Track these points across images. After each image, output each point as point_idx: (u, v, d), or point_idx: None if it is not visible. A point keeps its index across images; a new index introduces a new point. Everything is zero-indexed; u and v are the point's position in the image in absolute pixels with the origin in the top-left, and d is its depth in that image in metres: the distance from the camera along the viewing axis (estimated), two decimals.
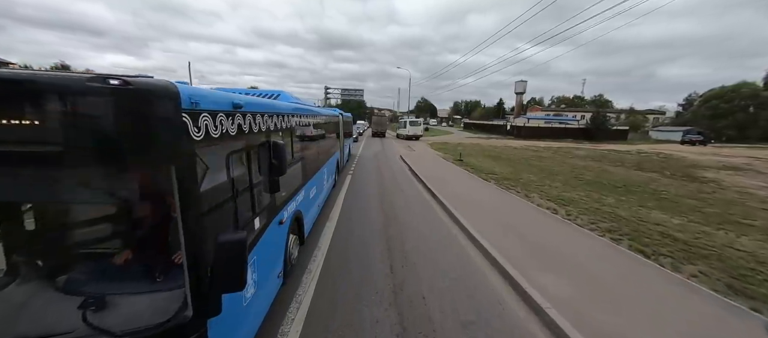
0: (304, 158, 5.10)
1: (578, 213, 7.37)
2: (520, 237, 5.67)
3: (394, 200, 8.48)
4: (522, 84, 64.42)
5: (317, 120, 6.37)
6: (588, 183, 11.76)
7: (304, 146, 5.14)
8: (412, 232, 6.13)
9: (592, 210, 7.72)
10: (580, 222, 6.73)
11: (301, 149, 4.93)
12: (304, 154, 5.10)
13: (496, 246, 5.15)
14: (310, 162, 5.52)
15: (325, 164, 7.28)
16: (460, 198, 8.29)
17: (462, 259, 5.03)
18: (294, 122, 4.32)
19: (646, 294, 3.97)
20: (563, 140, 38.98)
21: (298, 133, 4.74)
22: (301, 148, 4.93)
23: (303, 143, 5.11)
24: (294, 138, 4.51)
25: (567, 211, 7.55)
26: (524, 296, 3.91)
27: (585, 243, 5.54)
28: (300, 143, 4.85)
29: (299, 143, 4.77)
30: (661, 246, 5.53)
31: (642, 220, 7.10)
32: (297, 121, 4.53)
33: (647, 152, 27.18)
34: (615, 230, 6.30)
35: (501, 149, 25.50)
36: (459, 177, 11.83)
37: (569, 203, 8.34)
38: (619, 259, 4.97)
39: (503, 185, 10.61)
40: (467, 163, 15.93)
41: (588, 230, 6.26)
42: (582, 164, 18.25)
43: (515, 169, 14.74)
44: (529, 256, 4.90)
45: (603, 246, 5.47)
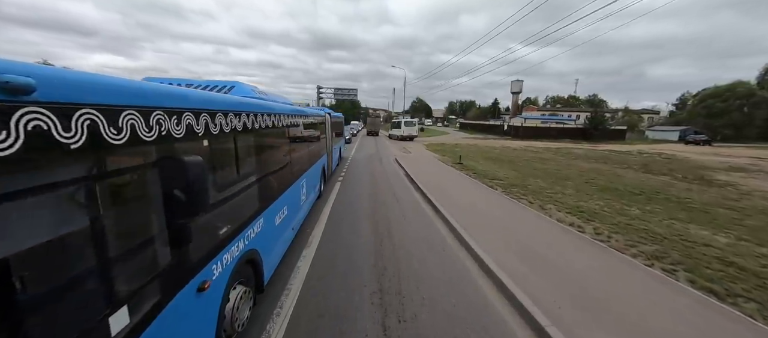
0: (266, 173, 3.79)
1: (609, 231, 6.16)
2: (551, 271, 4.43)
3: (388, 215, 7.18)
4: (518, 84, 63.61)
5: (292, 121, 5.05)
6: (603, 190, 10.62)
7: (266, 158, 3.83)
8: (412, 264, 4.85)
9: (623, 226, 6.53)
10: (616, 244, 5.52)
11: (261, 162, 3.62)
12: (266, 168, 3.78)
13: (526, 289, 3.89)
14: (277, 178, 4.21)
15: (303, 175, 5.96)
16: (466, 212, 7.03)
17: (480, 310, 3.75)
18: (245, 125, 3.01)
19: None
20: (561, 140, 38.12)
21: (257, 139, 3.43)
22: (261, 160, 3.62)
23: (265, 153, 3.80)
24: (247, 147, 3.20)
25: (594, 228, 6.34)
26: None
27: (635, 279, 4.31)
28: (258, 155, 3.54)
29: (256, 153, 3.46)
30: (730, 280, 4.33)
31: (684, 239, 5.93)
32: (253, 122, 3.21)
33: (649, 153, 26.38)
34: (662, 255, 5.10)
35: (500, 151, 24.40)
36: (461, 184, 10.59)
37: (592, 217, 7.15)
38: (687, 303, 3.76)
39: (512, 193, 9.40)
40: (468, 166, 14.72)
41: (630, 256, 5.04)
42: (588, 166, 17.20)
43: (520, 173, 13.57)
44: (571, 304, 3.65)
45: (658, 283, 4.25)
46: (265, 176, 3.72)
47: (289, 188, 4.79)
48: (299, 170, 5.64)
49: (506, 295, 3.90)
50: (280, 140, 4.45)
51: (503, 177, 12.18)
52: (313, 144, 7.50)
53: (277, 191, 4.16)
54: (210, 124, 2.38)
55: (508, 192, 9.46)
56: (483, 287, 4.18)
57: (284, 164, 4.63)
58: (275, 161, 4.22)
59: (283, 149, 4.64)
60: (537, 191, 9.78)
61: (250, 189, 3.20)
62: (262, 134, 3.59)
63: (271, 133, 3.91)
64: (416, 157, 18.10)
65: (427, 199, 8.34)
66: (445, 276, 4.40)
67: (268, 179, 3.84)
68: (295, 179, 5.23)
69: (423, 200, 8.55)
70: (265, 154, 3.81)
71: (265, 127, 3.64)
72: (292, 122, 5.07)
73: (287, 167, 4.78)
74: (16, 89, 1.06)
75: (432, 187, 9.49)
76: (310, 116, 6.91)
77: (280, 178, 4.34)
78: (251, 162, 3.29)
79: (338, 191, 9.45)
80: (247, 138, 3.18)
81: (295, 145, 5.55)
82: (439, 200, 7.94)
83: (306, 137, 6.48)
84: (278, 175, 4.27)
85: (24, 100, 1.10)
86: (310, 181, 6.83)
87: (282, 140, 4.58)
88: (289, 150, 5.02)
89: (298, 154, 5.66)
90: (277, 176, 4.21)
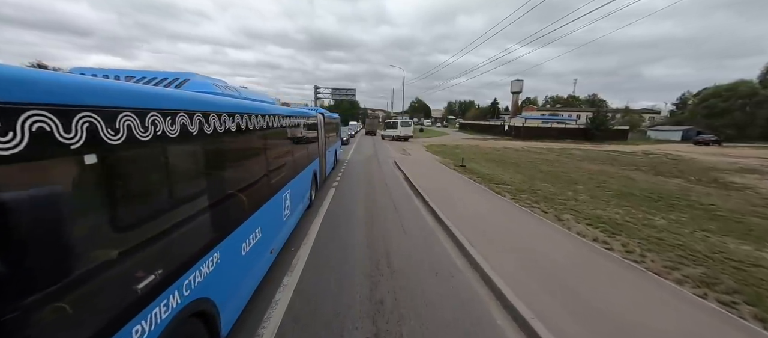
0: (229, 191, 2.95)
1: (640, 249, 5.35)
2: (589, 310, 3.61)
3: (387, 228, 6.35)
4: (518, 83, 62.92)
5: (272, 123, 4.21)
6: (618, 195, 9.83)
7: (228, 171, 2.99)
8: (415, 298, 4.02)
9: (653, 241, 5.73)
10: (654, 266, 4.71)
11: (219, 178, 2.79)
12: (228, 184, 2.94)
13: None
14: (248, 194, 3.38)
15: (287, 186, 5.12)
16: (475, 226, 6.21)
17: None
18: (187, 128, 2.18)
19: None
20: (563, 140, 37.43)
21: (212, 146, 2.60)
22: (219, 174, 2.78)
23: (227, 164, 2.96)
24: (195, 157, 2.38)
25: (623, 244, 5.53)
26: None
27: (693, 318, 3.50)
28: (214, 167, 2.71)
29: (210, 166, 2.62)
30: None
31: (729, 257, 5.13)
32: (202, 125, 2.38)
33: (655, 153, 25.68)
34: (712, 282, 4.29)
35: (502, 152, 23.61)
36: (465, 190, 9.76)
37: (616, 229, 6.34)
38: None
39: (522, 200, 8.58)
40: (471, 169, 13.91)
41: (673, 282, 4.23)
42: (596, 168, 16.42)
43: (526, 177, 12.77)
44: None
45: (721, 322, 3.44)
46: (227, 195, 2.88)
47: (266, 204, 3.95)
48: (282, 181, 4.80)
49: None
50: (252, 146, 3.61)
51: (509, 181, 11.38)
52: (302, 149, 6.65)
53: (247, 210, 3.32)
54: (124, 127, 1.61)
55: (518, 199, 8.65)
56: (506, 332, 3.35)
57: (259, 176, 3.79)
58: (244, 173, 3.38)
59: (257, 158, 3.81)
60: (548, 198, 8.98)
61: (198, 217, 2.36)
62: (222, 140, 2.75)
63: (236, 138, 3.07)
64: (416, 159, 17.28)
65: (430, 209, 7.51)
66: (456, 316, 3.57)
67: (233, 199, 3.00)
68: (275, 191, 4.39)
69: (425, 209, 7.72)
70: (228, 165, 2.96)
71: (226, 131, 2.80)
72: (271, 123, 4.23)
73: (263, 180, 3.94)
74: None
75: (434, 194, 8.67)
76: (298, 117, 6.07)
77: (252, 194, 3.50)
78: (202, 178, 2.46)
79: (332, 198, 8.61)
80: (195, 146, 2.35)
81: (277, 151, 4.71)
82: (444, 210, 7.11)
83: (292, 140, 5.64)
84: (250, 191, 3.44)
85: None
86: (298, 191, 5.99)
87: (256, 146, 3.74)
88: (268, 158, 4.18)
89: (280, 161, 4.81)
90: (248, 192, 3.38)
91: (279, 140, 4.85)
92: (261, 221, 3.69)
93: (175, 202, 2.13)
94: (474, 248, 5.03)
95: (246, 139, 3.34)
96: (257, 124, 3.60)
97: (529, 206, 8.00)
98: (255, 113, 3.54)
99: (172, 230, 2.05)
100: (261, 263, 3.78)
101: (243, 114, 3.18)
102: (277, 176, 4.54)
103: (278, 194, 4.53)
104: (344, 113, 63.75)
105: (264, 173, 3.95)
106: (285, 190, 4.93)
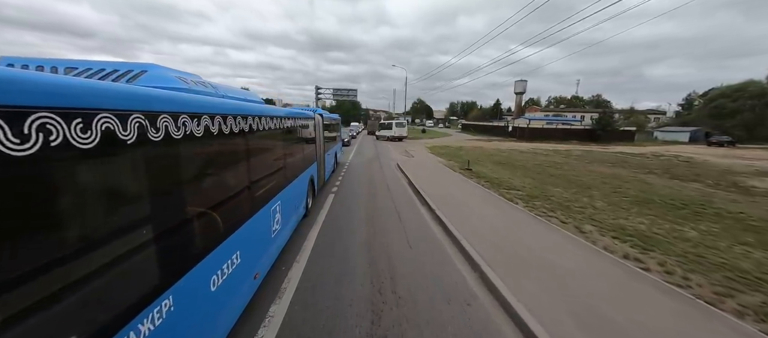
0: (193, 212, 2.33)
1: (681, 269, 4.68)
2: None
3: (390, 244, 5.71)
4: (522, 84, 62.11)
5: (254, 125, 3.59)
6: (637, 202, 9.14)
7: (192, 185, 2.37)
8: (424, 334, 3.38)
9: (692, 259, 5.06)
10: (701, 291, 4.05)
11: (177, 196, 2.16)
12: (192, 202, 2.31)
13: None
14: (222, 212, 2.76)
15: (277, 197, 4.49)
16: (490, 240, 5.56)
17: None
18: (139, 130, 1.59)
19: None
20: (568, 141, 36.68)
21: (169, 154, 1.99)
22: (176, 192, 2.16)
23: (190, 176, 2.35)
24: (145, 169, 1.78)
25: (660, 263, 4.86)
26: None
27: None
28: (171, 183, 2.09)
29: (164, 181, 2.00)
30: None
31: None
32: (150, 128, 1.77)
33: (665, 155, 24.91)
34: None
35: (508, 154, 22.91)
36: (474, 196, 9.11)
37: (646, 243, 5.68)
38: None
39: (536, 208, 7.92)
40: (477, 173, 13.25)
41: (732, 314, 3.56)
42: (608, 171, 15.73)
43: (536, 181, 12.10)
44: None
45: None
46: (186, 219, 2.25)
47: (249, 223, 3.32)
48: (270, 192, 4.17)
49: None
50: (228, 153, 2.99)
51: (519, 186, 10.71)
52: (297, 153, 6.03)
53: (220, 234, 2.70)
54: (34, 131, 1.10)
55: (532, 207, 7.99)
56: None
57: (238, 190, 3.16)
58: (216, 188, 2.75)
59: (236, 167, 3.18)
60: (564, 205, 8.31)
61: (136, 256, 1.73)
62: (180, 148, 2.12)
63: (203, 145, 2.45)
64: (419, 162, 16.63)
65: (438, 219, 6.87)
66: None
67: (198, 222, 2.37)
68: (261, 205, 3.76)
69: (432, 219, 7.08)
70: (190, 180, 2.34)
71: (189, 136, 2.18)
72: (256, 126, 3.60)
73: (244, 193, 3.31)
74: None
75: (441, 201, 8.02)
76: (290, 118, 5.44)
77: (228, 212, 2.88)
78: (144, 202, 1.82)
79: (331, 206, 7.98)
80: (138, 156, 1.72)
81: (264, 157, 4.09)
82: (453, 220, 6.47)
83: (284, 144, 5.01)
84: (224, 209, 2.81)
85: None
86: (291, 201, 5.36)
87: (234, 153, 3.12)
88: (251, 167, 3.56)
89: (268, 169, 4.19)
90: (222, 210, 2.75)
91: (267, 144, 4.22)
92: (241, 244, 3.06)
93: (97, 240, 1.50)
94: (491, 270, 4.37)
95: (219, 145, 2.72)
96: (235, 127, 2.97)
97: (545, 215, 7.34)
98: (232, 114, 2.91)
99: (93, 280, 1.43)
100: (241, 293, 3.15)
101: (214, 115, 2.55)
102: (264, 186, 3.90)
103: (265, 208, 3.90)
104: (346, 114, 63.05)
105: (245, 186, 3.32)
106: (274, 202, 4.30)
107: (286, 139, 5.17)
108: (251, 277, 3.45)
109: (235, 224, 3.01)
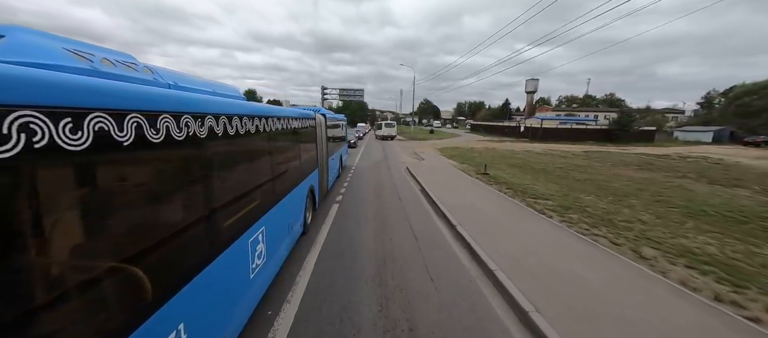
0: (128, 252, 1.29)
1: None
2: None
3: (406, 275, 4.61)
4: (533, 83, 60.23)
5: (231, 128, 2.56)
6: (690, 214, 7.86)
7: (129, 216, 1.39)
8: None
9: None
10: None
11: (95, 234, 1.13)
12: (128, 238, 1.29)
13: None
14: (177, 250, 1.76)
15: (263, 218, 3.44)
16: (531, 271, 4.42)
17: None
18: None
19: None
20: (583, 142, 35.04)
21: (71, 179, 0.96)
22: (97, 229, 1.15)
23: (123, 204, 1.36)
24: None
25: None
26: None
27: None
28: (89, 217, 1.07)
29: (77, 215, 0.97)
30: None
31: None
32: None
33: (692, 156, 23.26)
34: None
35: (524, 156, 21.58)
36: (499, 208, 7.95)
37: (734, 276, 4.46)
38: None
39: (573, 222, 6.73)
40: (495, 177, 12.05)
41: None
42: (638, 175, 14.36)
43: (563, 187, 10.86)
44: None
45: None
46: (82, 282, 1.22)
47: (210, 268, 2.26)
48: (250, 216, 3.11)
49: None
50: (194, 166, 1.98)
51: (546, 194, 9.50)
52: (292, 162, 4.97)
53: (152, 299, 1.65)
54: None
55: (569, 221, 6.80)
56: None
57: (190, 222, 2.10)
58: (148, 224, 1.71)
59: (204, 185, 2.16)
60: (605, 219, 7.09)
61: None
62: (65, 164, 1.10)
63: (119, 157, 1.42)
64: (431, 165, 15.48)
65: (460, 238, 5.74)
66: None
67: (137, 265, 1.34)
68: (234, 237, 2.70)
69: (454, 238, 5.95)
70: (126, 207, 1.35)
71: (85, 147, 1.16)
72: (230, 129, 2.56)
73: (201, 228, 2.24)
74: None
75: (462, 215, 6.89)
76: (282, 119, 4.38)
77: (185, 249, 1.85)
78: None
79: (333, 221, 6.91)
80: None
81: (241, 171, 3.03)
82: (480, 241, 5.34)
83: (273, 152, 3.96)
84: (177, 245, 1.79)
85: None
86: (282, 222, 4.30)
87: (201, 165, 2.10)
88: (227, 183, 2.52)
89: (247, 187, 3.13)
90: (175, 246, 1.74)
91: (257, 151, 3.17)
92: (193, 306, 2.00)
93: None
94: (548, 325, 3.24)
95: (188, 155, 1.70)
96: (180, 131, 1.92)
97: (589, 233, 6.15)
98: (173, 112, 1.85)
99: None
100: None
101: (127, 114, 1.49)
102: (235, 214, 2.82)
103: (241, 241, 2.84)
104: (353, 114, 62.12)
105: (204, 214, 2.26)
106: (256, 230, 3.23)
107: (277, 145, 4.11)
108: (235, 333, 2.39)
109: (187, 274, 1.96)
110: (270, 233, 3.68)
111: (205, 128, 2.21)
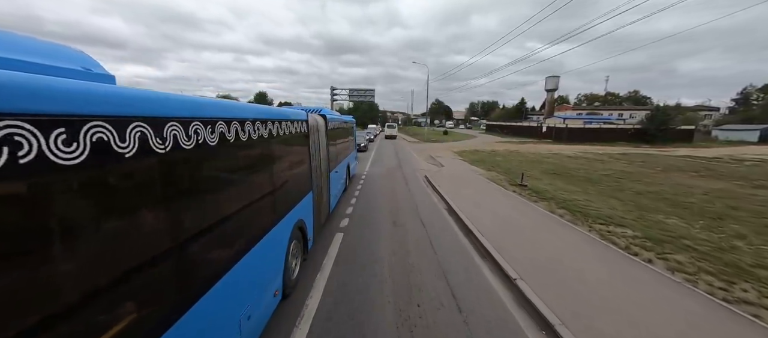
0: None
1: None
2: None
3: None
4: (554, 80, 56.92)
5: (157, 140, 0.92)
6: None
7: None
8: None
9: None
10: None
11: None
12: None
13: None
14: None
15: (197, 305, 1.48)
16: None
17: None
18: None
19: None
20: (614, 143, 32.11)
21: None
22: None
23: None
24: None
25: None
26: None
27: None
28: None
29: None
30: None
31: None
32: None
33: (751, 159, 20.25)
34: None
35: (554, 159, 19.15)
36: (562, 241, 5.80)
37: None
38: None
39: (683, 267, 4.54)
40: (536, 190, 9.81)
41: None
42: (709, 185, 11.83)
43: (624, 203, 8.57)
44: None
45: None
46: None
47: None
48: (190, 289, 1.16)
49: None
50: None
51: (613, 216, 7.26)
52: (259, 193, 3.00)
53: None
54: None
55: (678, 266, 4.60)
56: None
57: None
58: None
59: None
60: (729, 263, 4.86)
61: None
62: None
63: None
64: (452, 173, 13.33)
65: (537, 314, 3.65)
66: None
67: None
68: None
69: (518, 306, 3.87)
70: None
71: None
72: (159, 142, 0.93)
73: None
74: None
75: (520, 260, 4.79)
76: (258, 121, 2.46)
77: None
78: None
79: (333, 265, 4.90)
80: None
81: (176, 211, 1.12)
82: (556, 307, 3.25)
83: (240, 173, 2.06)
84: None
85: None
86: (246, 289, 2.38)
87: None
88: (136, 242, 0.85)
89: (186, 234, 1.24)
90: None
91: (193, 179, 1.46)
92: None
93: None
94: None
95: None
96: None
97: (725, 290, 3.95)
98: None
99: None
100: None
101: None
102: (171, 280, 0.93)
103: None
104: (363, 116, 60.11)
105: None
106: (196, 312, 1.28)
107: (248, 160, 2.21)
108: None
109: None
110: (256, 278, 1.76)
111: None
